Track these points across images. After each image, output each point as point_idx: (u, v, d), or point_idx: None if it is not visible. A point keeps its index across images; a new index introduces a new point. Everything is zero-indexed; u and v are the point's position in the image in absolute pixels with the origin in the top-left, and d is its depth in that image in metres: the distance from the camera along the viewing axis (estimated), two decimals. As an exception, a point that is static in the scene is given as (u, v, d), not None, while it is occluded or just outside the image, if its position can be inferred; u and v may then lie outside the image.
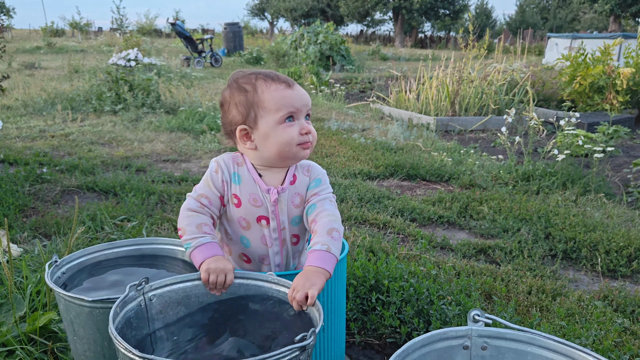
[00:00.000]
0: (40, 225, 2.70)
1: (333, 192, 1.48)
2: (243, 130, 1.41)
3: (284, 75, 1.43)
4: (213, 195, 1.42)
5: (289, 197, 1.43)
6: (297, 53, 13.39)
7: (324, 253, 1.29)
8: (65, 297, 1.38)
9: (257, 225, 1.43)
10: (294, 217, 1.44)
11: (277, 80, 1.40)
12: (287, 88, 1.39)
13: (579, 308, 2.02)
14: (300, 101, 1.40)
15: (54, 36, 28.39)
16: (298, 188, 1.44)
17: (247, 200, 1.42)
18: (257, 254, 1.47)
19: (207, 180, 1.43)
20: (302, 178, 1.45)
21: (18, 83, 8.32)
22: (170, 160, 4.31)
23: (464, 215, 3.18)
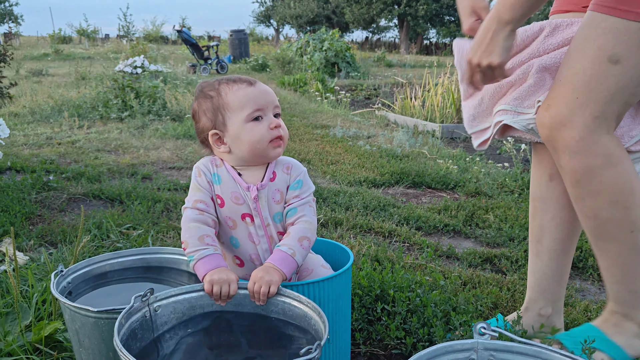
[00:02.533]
0: (46, 233, 2.71)
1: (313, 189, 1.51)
2: (215, 135, 1.45)
3: (246, 76, 1.47)
4: (206, 197, 1.44)
5: (269, 193, 1.45)
6: (302, 60, 13.43)
7: (288, 257, 1.34)
8: (70, 307, 1.39)
9: (242, 223, 1.46)
10: (276, 213, 1.47)
11: (239, 81, 1.43)
12: (249, 86, 1.42)
13: (585, 319, 2.00)
14: (264, 97, 1.42)
15: (61, 43, 28.62)
16: (278, 184, 1.46)
17: (229, 199, 1.45)
18: (248, 254, 1.49)
19: (195, 186, 1.46)
20: (281, 175, 1.47)
21: (25, 90, 8.39)
22: (176, 168, 4.32)
23: (469, 223, 3.16)
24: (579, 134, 1.37)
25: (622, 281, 1.52)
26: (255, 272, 1.31)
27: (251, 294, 1.30)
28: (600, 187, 1.40)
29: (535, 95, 1.54)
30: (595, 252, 1.55)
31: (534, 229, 1.76)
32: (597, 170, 1.39)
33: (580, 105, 1.37)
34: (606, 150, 1.38)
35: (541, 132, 1.47)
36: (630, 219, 1.42)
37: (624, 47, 1.31)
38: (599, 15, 1.34)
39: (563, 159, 1.43)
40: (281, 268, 1.32)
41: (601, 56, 1.33)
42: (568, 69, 1.40)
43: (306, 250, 1.39)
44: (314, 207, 1.48)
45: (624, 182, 1.40)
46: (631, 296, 1.53)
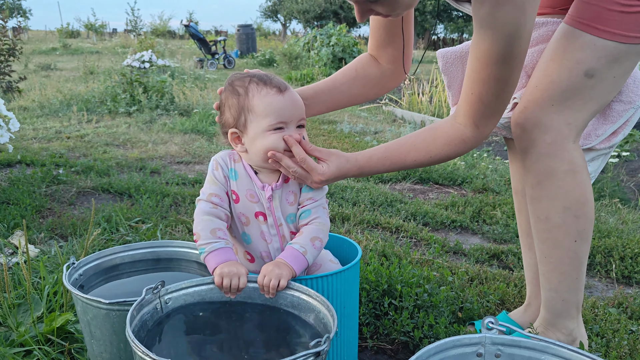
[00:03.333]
0: (56, 226, 2.74)
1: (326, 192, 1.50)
2: (234, 134, 1.45)
3: (279, 79, 1.42)
4: (221, 191, 1.45)
5: (283, 194, 1.45)
6: (309, 55, 13.42)
7: (299, 255, 1.35)
8: (82, 299, 1.41)
9: (255, 220, 1.46)
10: (289, 214, 1.47)
11: (269, 84, 1.38)
12: (278, 93, 1.37)
13: (593, 315, 2.00)
14: (291, 109, 1.38)
15: (69, 37, 28.72)
16: (292, 186, 1.46)
17: (244, 195, 1.45)
18: (259, 251, 1.49)
19: (212, 179, 1.46)
20: None
21: (34, 84, 8.44)
22: (184, 162, 4.34)
23: (476, 219, 3.17)
24: (551, 137, 1.44)
25: (558, 289, 1.58)
26: (265, 266, 1.33)
27: (260, 287, 1.31)
28: (559, 191, 1.47)
29: None
30: (539, 256, 1.60)
31: (522, 223, 1.80)
32: (560, 175, 1.46)
33: (555, 111, 1.43)
34: (571, 158, 1.45)
35: (514, 131, 1.52)
36: (577, 229, 1.49)
37: (600, 63, 1.39)
38: (577, 31, 1.41)
39: (530, 159, 1.50)
40: (291, 264, 1.33)
41: (578, 69, 1.41)
42: (546, 76, 1.46)
43: (317, 250, 1.39)
44: (327, 208, 1.48)
45: (581, 191, 1.47)
46: (563, 305, 1.59)
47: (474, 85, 1.36)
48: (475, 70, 1.34)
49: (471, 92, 1.37)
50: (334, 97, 1.70)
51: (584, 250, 1.54)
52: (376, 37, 1.70)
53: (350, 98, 1.73)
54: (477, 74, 1.34)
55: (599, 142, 1.56)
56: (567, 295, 1.58)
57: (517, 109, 1.51)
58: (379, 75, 1.73)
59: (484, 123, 1.41)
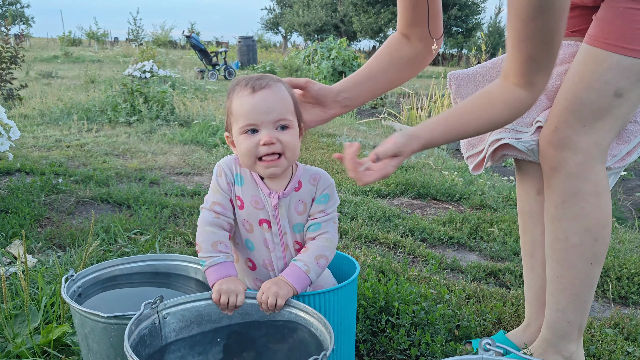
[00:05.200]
0: (55, 236, 2.74)
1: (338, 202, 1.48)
2: (228, 137, 1.45)
3: (263, 78, 1.35)
4: (224, 200, 1.43)
5: (292, 203, 1.42)
6: (310, 68, 13.49)
7: (302, 273, 1.33)
8: (80, 312, 1.41)
9: (259, 228, 1.44)
10: (296, 223, 1.44)
11: (247, 85, 1.34)
12: (250, 94, 1.32)
13: (589, 335, 2.01)
14: (260, 109, 1.30)
15: (71, 45, 28.85)
16: (302, 195, 1.42)
17: (249, 202, 1.43)
18: (261, 258, 1.48)
19: (215, 186, 1.45)
20: (307, 186, 1.43)
21: (35, 92, 8.46)
22: (183, 173, 4.35)
23: (474, 236, 3.18)
24: (581, 158, 1.47)
25: (565, 310, 1.59)
26: (265, 283, 1.33)
27: (259, 303, 1.32)
28: (581, 212, 1.50)
29: (531, 114, 1.62)
30: (550, 275, 1.62)
31: (526, 244, 1.81)
32: (585, 195, 1.49)
33: (586, 132, 1.47)
34: (597, 179, 1.48)
35: (545, 151, 1.55)
36: (594, 251, 1.52)
37: (628, 81, 1.43)
38: (603, 52, 1.44)
39: (557, 178, 1.52)
40: (293, 283, 1.33)
41: (607, 89, 1.44)
42: (575, 98, 1.48)
43: (322, 268, 1.37)
44: (337, 223, 1.45)
45: (603, 214, 1.50)
46: (568, 327, 1.61)
47: (521, 44, 1.32)
48: (518, 29, 1.31)
49: (519, 52, 1.34)
50: (373, 86, 1.69)
51: (597, 273, 1.56)
52: (404, 16, 1.69)
53: (387, 84, 1.72)
54: (522, 32, 1.31)
55: (614, 162, 1.59)
56: (573, 316, 1.60)
57: (547, 129, 1.54)
58: (413, 55, 1.72)
59: (539, 79, 1.37)
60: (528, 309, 1.84)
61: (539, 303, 1.79)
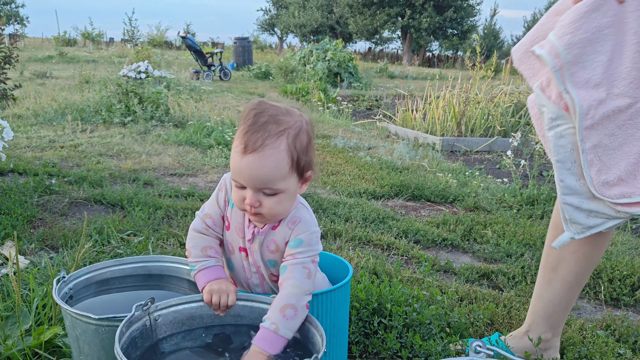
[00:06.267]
0: (47, 237, 2.73)
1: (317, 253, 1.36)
2: None
3: (262, 131, 1.25)
4: (216, 215, 1.43)
5: (264, 241, 1.38)
6: (305, 69, 13.49)
7: (271, 334, 1.23)
8: (72, 313, 1.40)
9: (238, 254, 1.43)
10: (269, 260, 1.41)
11: (242, 137, 1.25)
12: (240, 153, 1.25)
13: (581, 337, 2.01)
14: (244, 175, 1.25)
15: (66, 46, 28.74)
16: (276, 236, 1.37)
17: (234, 226, 1.42)
18: (240, 280, 1.49)
19: (214, 199, 1.44)
20: (284, 228, 1.37)
21: (29, 92, 8.43)
22: (177, 175, 4.34)
23: (467, 238, 3.18)
24: None
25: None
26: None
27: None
28: None
29: None
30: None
31: (551, 256, 1.75)
32: None
33: None
34: None
35: None
36: None
37: None
38: None
39: None
40: (264, 348, 1.22)
41: None
42: None
43: (291, 319, 1.25)
44: (311, 268, 1.34)
45: None
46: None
47: None
48: None
49: None
50: None
51: None
52: None
53: None
54: None
55: None
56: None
57: None
58: None
59: None
60: (532, 317, 1.82)
61: (545, 314, 1.78)
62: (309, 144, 1.33)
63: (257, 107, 1.29)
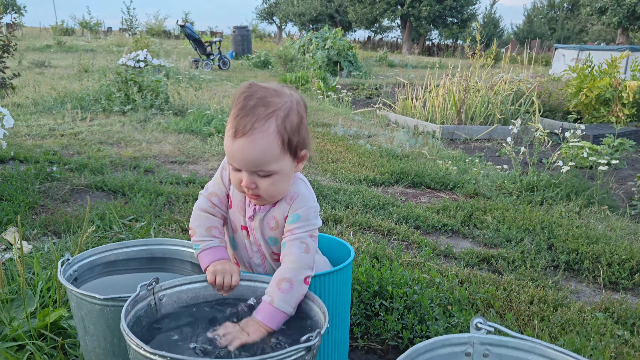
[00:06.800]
0: (50, 223, 2.74)
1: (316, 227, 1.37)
2: None
3: (250, 116, 1.25)
4: (222, 193, 1.45)
5: (265, 218, 1.40)
6: (304, 58, 13.45)
7: (267, 306, 1.25)
8: (77, 294, 1.42)
9: (240, 232, 1.45)
10: (269, 237, 1.42)
11: (232, 122, 1.26)
12: (231, 137, 1.26)
13: (580, 319, 2.04)
14: (237, 159, 1.27)
15: (63, 35, 28.59)
16: (275, 212, 1.39)
17: (236, 204, 1.44)
18: (243, 259, 1.51)
19: (218, 178, 1.46)
20: (282, 205, 1.38)
21: (28, 81, 8.40)
22: (178, 162, 4.35)
23: (467, 224, 3.20)
24: None
25: None
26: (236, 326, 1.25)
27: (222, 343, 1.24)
28: None
29: None
30: None
31: None
32: None
33: None
34: None
35: None
36: None
37: None
38: None
39: None
40: (260, 319, 1.25)
41: None
42: None
43: (287, 292, 1.26)
44: (310, 243, 1.35)
45: None
46: None
47: None
48: None
49: None
50: None
51: None
52: None
53: None
54: None
55: None
56: None
57: None
58: None
59: None
60: None
61: None
62: (301, 123, 1.32)
63: (247, 90, 1.29)
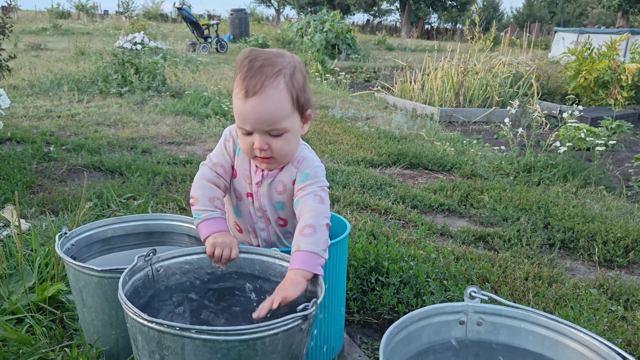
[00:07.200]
0: (47, 202, 2.75)
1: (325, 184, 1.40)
2: None
3: (260, 75, 1.27)
4: (227, 164, 1.46)
5: (273, 182, 1.43)
6: (303, 41, 13.36)
7: (297, 254, 1.26)
8: (74, 266, 1.43)
9: (246, 199, 1.48)
10: (277, 202, 1.45)
11: (242, 84, 1.28)
12: (243, 98, 1.27)
13: (574, 295, 2.06)
14: (250, 119, 1.28)
15: (59, 18, 28.30)
16: (283, 176, 1.42)
17: (241, 174, 1.46)
18: (247, 226, 1.52)
19: (222, 148, 1.47)
20: (290, 168, 1.42)
21: (24, 63, 8.35)
22: (175, 143, 4.34)
23: (464, 203, 3.21)
24: None
25: None
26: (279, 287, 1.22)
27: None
28: None
29: None
30: None
31: None
32: None
33: None
34: None
35: None
36: None
37: None
38: None
39: None
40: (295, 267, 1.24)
41: None
42: None
43: (310, 235, 1.27)
44: (323, 195, 1.37)
45: None
46: None
47: None
48: None
49: None
50: None
51: None
52: None
53: None
54: None
55: None
56: None
57: None
58: None
59: None
60: None
61: None
62: (305, 82, 1.36)
63: (249, 55, 1.32)
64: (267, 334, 1.05)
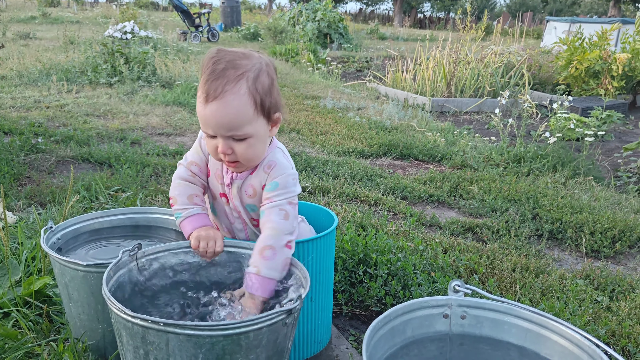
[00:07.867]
0: (35, 194, 2.73)
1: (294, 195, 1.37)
2: None
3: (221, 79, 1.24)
4: (202, 162, 1.45)
5: (243, 185, 1.40)
6: (294, 30, 13.29)
7: (254, 277, 1.26)
8: (60, 261, 1.42)
9: (220, 199, 1.46)
10: (248, 204, 1.43)
11: (203, 87, 1.25)
12: (203, 103, 1.25)
13: (561, 286, 2.08)
14: (210, 124, 1.26)
15: (49, 6, 27.93)
16: (253, 180, 1.39)
17: (213, 173, 1.44)
18: (223, 226, 1.52)
19: (197, 147, 1.45)
20: (260, 173, 1.38)
21: (12, 53, 8.25)
22: (165, 134, 4.32)
23: (454, 194, 3.22)
24: None
25: None
26: None
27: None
28: None
29: None
30: None
31: None
32: None
33: None
34: None
35: None
36: None
37: None
38: None
39: None
40: (252, 292, 1.26)
41: None
42: None
43: (271, 259, 1.27)
44: (289, 209, 1.34)
45: None
46: None
47: None
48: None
49: None
50: None
51: None
52: None
53: None
54: None
55: None
56: None
57: None
58: None
59: None
60: None
61: None
62: (272, 85, 1.31)
63: (215, 55, 1.28)
64: (251, 329, 1.05)
